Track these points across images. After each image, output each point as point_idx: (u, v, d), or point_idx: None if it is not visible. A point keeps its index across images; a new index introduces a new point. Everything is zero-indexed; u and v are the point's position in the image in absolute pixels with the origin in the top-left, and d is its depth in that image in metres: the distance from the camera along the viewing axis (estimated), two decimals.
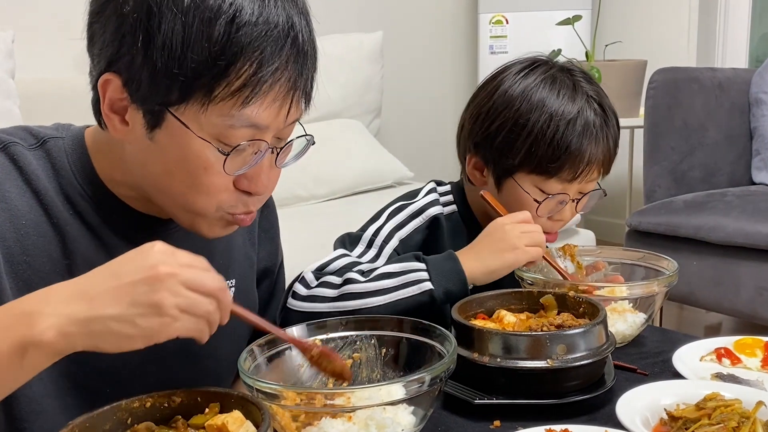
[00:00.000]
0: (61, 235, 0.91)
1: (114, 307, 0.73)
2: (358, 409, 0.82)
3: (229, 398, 0.83)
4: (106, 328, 0.73)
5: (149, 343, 0.75)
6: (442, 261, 1.20)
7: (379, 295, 1.17)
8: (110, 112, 0.86)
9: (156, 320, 0.73)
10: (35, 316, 0.72)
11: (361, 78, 3.24)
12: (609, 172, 1.34)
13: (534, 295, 1.12)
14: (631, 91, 3.11)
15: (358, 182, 2.92)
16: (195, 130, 0.83)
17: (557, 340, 0.97)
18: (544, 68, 1.32)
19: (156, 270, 0.74)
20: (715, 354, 1.11)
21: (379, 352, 1.00)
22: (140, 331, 0.73)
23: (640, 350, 1.18)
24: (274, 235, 1.20)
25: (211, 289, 0.77)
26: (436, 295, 1.16)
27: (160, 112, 0.83)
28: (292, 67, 0.84)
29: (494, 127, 1.30)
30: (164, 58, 0.80)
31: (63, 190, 0.92)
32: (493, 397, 0.97)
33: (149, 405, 0.82)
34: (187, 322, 0.75)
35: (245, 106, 0.83)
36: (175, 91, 0.81)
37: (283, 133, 0.90)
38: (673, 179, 2.85)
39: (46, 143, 0.93)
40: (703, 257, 2.53)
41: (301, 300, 1.19)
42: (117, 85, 0.84)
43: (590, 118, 1.27)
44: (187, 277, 0.75)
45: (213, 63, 0.80)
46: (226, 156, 0.84)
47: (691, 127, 2.86)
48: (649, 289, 1.19)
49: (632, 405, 0.91)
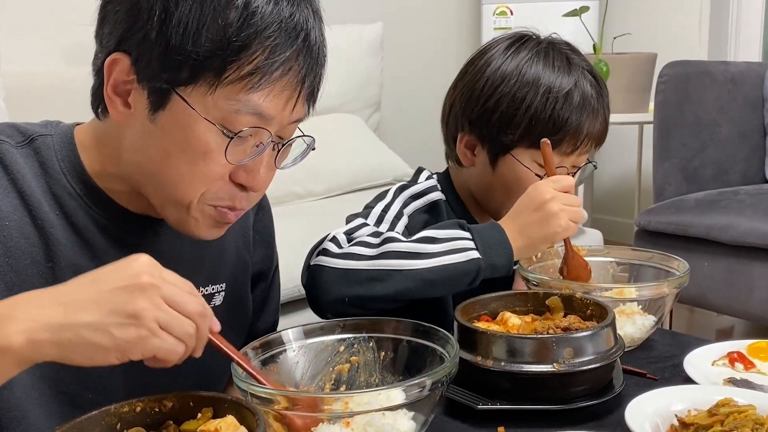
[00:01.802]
0: (46, 237, 0.91)
1: (90, 314, 0.72)
2: (356, 414, 0.82)
3: (222, 403, 0.82)
4: (78, 337, 0.72)
5: (123, 357, 0.74)
6: (487, 231, 1.18)
7: (423, 258, 1.14)
8: (113, 94, 0.88)
9: (133, 332, 0.73)
10: (6, 319, 0.72)
11: (360, 71, 3.23)
12: (602, 144, 1.36)
13: (539, 296, 1.12)
14: (641, 86, 3.11)
15: (356, 179, 2.92)
16: (200, 111, 0.85)
17: (564, 343, 0.97)
18: (533, 43, 1.35)
19: (139, 279, 0.74)
20: (727, 358, 1.10)
21: (378, 355, 1.00)
22: (115, 342, 0.72)
23: (650, 354, 1.18)
24: (269, 238, 1.20)
25: (192, 311, 0.77)
26: (482, 266, 1.15)
27: (167, 92, 0.86)
28: (302, 61, 0.88)
29: (491, 103, 1.31)
30: (179, 35, 0.83)
31: (51, 190, 0.93)
32: (496, 403, 0.97)
33: (139, 410, 0.82)
34: (165, 339, 0.74)
35: (253, 92, 0.85)
36: (185, 70, 0.84)
37: (285, 132, 0.92)
38: (684, 177, 2.85)
39: (34, 141, 0.94)
40: (714, 258, 2.53)
41: (335, 257, 1.16)
42: (125, 65, 0.86)
43: (587, 91, 1.30)
44: (169, 292, 0.75)
45: (227, 44, 0.83)
46: (230, 139, 0.86)
47: (702, 123, 2.86)
48: (658, 291, 1.19)
49: (642, 411, 0.91)
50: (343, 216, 1.37)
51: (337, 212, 2.60)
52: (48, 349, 0.72)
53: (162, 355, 0.75)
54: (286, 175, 2.97)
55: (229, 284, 1.10)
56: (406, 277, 1.13)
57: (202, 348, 0.80)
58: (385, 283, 1.13)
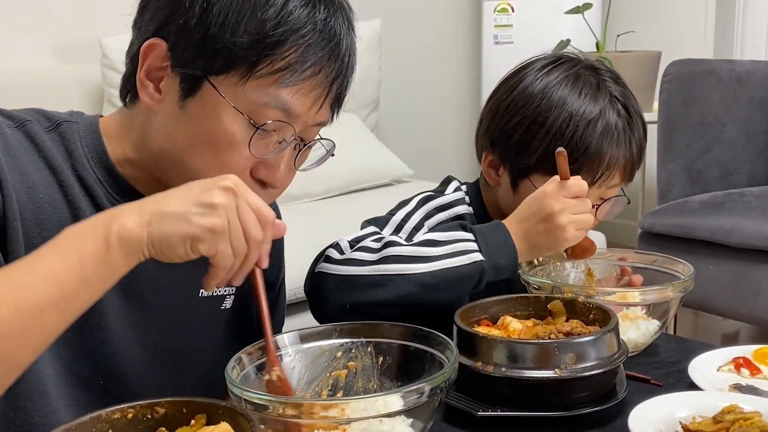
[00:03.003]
0: (75, 212, 0.95)
1: (177, 203, 0.81)
2: (353, 421, 0.82)
3: (216, 409, 0.82)
4: (163, 224, 0.80)
5: (193, 246, 0.81)
6: (491, 232, 1.18)
7: (425, 262, 1.14)
8: (146, 78, 0.94)
9: (207, 220, 0.80)
10: (116, 216, 0.80)
11: (358, 69, 3.22)
12: (632, 180, 1.34)
13: (541, 300, 1.12)
14: (645, 85, 3.12)
15: (354, 180, 2.92)
16: (230, 100, 0.91)
17: (566, 348, 0.97)
18: (569, 65, 1.32)
19: (224, 182, 0.83)
20: (733, 364, 1.11)
21: (376, 361, 1.00)
22: (190, 229, 0.80)
23: (654, 359, 1.18)
24: (279, 248, 1.21)
25: (251, 234, 0.84)
26: (486, 268, 1.15)
27: (199, 79, 0.91)
28: (333, 65, 0.94)
29: (512, 124, 1.30)
30: (218, 25, 0.89)
31: (76, 173, 0.97)
32: (497, 409, 0.97)
33: (131, 416, 0.82)
34: (228, 241, 0.82)
35: (283, 87, 0.91)
36: (219, 59, 0.90)
37: (307, 134, 0.98)
38: (689, 178, 2.85)
39: (60, 126, 0.98)
40: (720, 261, 2.53)
41: (337, 263, 1.17)
42: (161, 50, 0.92)
43: (612, 120, 1.28)
44: (252, 198, 0.84)
45: (263, 39, 0.89)
46: (256, 129, 0.91)
47: (707, 123, 2.86)
48: (663, 295, 1.19)
49: (645, 418, 0.91)
50: (339, 217, 1.37)
51: (335, 214, 2.62)
52: (152, 235, 0.80)
53: (219, 254, 0.82)
54: None
55: (239, 289, 1.10)
56: (407, 282, 1.13)
57: (266, 260, 0.88)
58: (386, 288, 1.13)
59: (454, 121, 4.03)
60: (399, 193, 1.38)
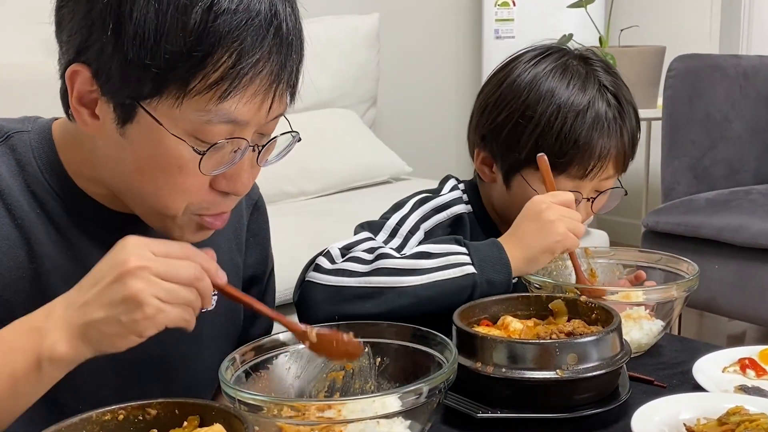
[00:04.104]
0: (27, 237, 0.92)
1: (99, 311, 0.79)
2: (350, 422, 0.82)
3: (209, 410, 0.82)
4: (99, 333, 0.80)
5: (142, 337, 0.80)
6: (485, 248, 1.19)
7: (417, 275, 1.15)
8: (79, 105, 0.87)
9: (138, 314, 0.79)
10: (43, 331, 0.80)
11: (356, 64, 3.23)
12: (626, 170, 1.34)
13: (542, 299, 1.12)
14: (649, 80, 3.12)
15: (351, 177, 2.92)
16: (169, 126, 0.84)
17: (567, 348, 0.97)
18: (557, 56, 1.32)
19: (126, 265, 0.79)
20: (738, 365, 1.11)
21: (373, 361, 1.00)
22: (127, 328, 0.79)
23: (658, 360, 1.18)
24: (264, 240, 1.20)
25: (187, 278, 0.81)
26: (478, 282, 1.15)
27: (132, 106, 0.84)
28: (275, 58, 0.85)
29: (501, 118, 1.31)
30: (136, 47, 0.80)
31: (29, 188, 0.93)
32: (497, 411, 0.97)
33: (122, 418, 0.82)
34: (172, 311, 0.80)
35: (223, 101, 0.83)
36: (147, 83, 0.82)
37: (266, 129, 0.91)
38: (694, 176, 2.85)
39: (10, 138, 0.94)
40: (725, 260, 2.53)
41: (326, 273, 1.17)
42: (86, 76, 0.85)
43: (602, 110, 1.28)
44: (159, 269, 0.80)
45: (188, 54, 0.81)
46: (201, 155, 0.85)
47: (713, 120, 2.86)
48: (667, 294, 1.19)
49: (649, 420, 0.91)
50: (335, 215, 1.37)
51: (331, 212, 2.62)
52: (84, 349, 0.80)
53: (173, 324, 0.81)
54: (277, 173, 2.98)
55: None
56: (398, 295, 1.13)
57: (210, 301, 0.85)
58: (377, 300, 1.14)
59: (454, 118, 4.03)
60: (397, 192, 1.38)
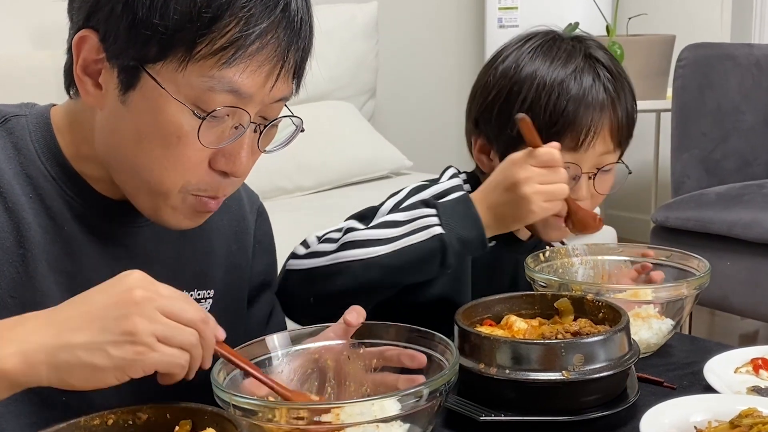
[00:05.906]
0: (17, 221, 0.92)
1: (83, 333, 0.75)
2: (347, 426, 0.81)
3: (202, 414, 0.82)
4: (75, 358, 0.75)
5: (123, 377, 0.77)
6: (452, 204, 1.19)
7: (383, 244, 1.16)
8: (83, 74, 0.90)
9: (130, 349, 0.75)
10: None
11: (354, 55, 3.23)
12: (624, 147, 1.35)
13: (547, 298, 1.12)
14: (658, 70, 3.11)
15: (349, 172, 2.92)
16: (171, 91, 0.86)
17: (574, 349, 0.97)
18: (544, 34, 1.36)
19: (131, 294, 0.77)
20: (751, 365, 1.11)
21: (371, 363, 1.00)
22: (112, 361, 0.75)
23: (667, 361, 1.19)
24: (269, 244, 1.21)
25: (192, 318, 0.79)
26: (447, 241, 1.15)
27: (136, 70, 0.87)
28: (282, 34, 0.88)
29: (490, 98, 1.33)
30: (145, 7, 0.84)
31: (24, 171, 0.94)
32: (501, 414, 0.97)
33: (111, 422, 0.82)
34: (166, 353, 0.77)
35: (227, 67, 0.86)
36: (153, 45, 0.85)
37: (269, 111, 0.93)
38: (705, 169, 2.85)
39: (7, 121, 0.96)
40: (737, 257, 2.53)
41: (300, 258, 1.20)
42: (93, 42, 0.88)
43: (587, 82, 1.30)
44: (165, 303, 0.78)
45: (197, 16, 0.84)
46: (201, 120, 0.87)
47: (724, 111, 2.86)
48: (677, 292, 1.19)
49: (658, 422, 0.91)
50: (333, 211, 1.38)
51: (328, 208, 2.61)
52: (44, 373, 0.75)
53: (164, 368, 0.78)
54: (273, 168, 2.97)
55: (219, 292, 1.10)
56: (366, 267, 1.14)
57: (210, 357, 0.82)
58: (346, 276, 1.15)
59: (456, 110, 4.02)
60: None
